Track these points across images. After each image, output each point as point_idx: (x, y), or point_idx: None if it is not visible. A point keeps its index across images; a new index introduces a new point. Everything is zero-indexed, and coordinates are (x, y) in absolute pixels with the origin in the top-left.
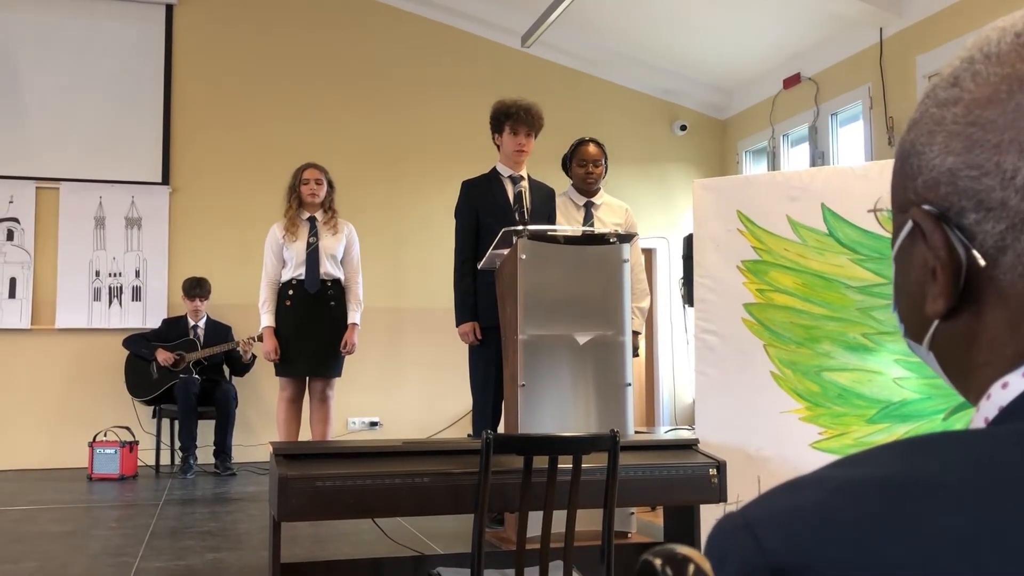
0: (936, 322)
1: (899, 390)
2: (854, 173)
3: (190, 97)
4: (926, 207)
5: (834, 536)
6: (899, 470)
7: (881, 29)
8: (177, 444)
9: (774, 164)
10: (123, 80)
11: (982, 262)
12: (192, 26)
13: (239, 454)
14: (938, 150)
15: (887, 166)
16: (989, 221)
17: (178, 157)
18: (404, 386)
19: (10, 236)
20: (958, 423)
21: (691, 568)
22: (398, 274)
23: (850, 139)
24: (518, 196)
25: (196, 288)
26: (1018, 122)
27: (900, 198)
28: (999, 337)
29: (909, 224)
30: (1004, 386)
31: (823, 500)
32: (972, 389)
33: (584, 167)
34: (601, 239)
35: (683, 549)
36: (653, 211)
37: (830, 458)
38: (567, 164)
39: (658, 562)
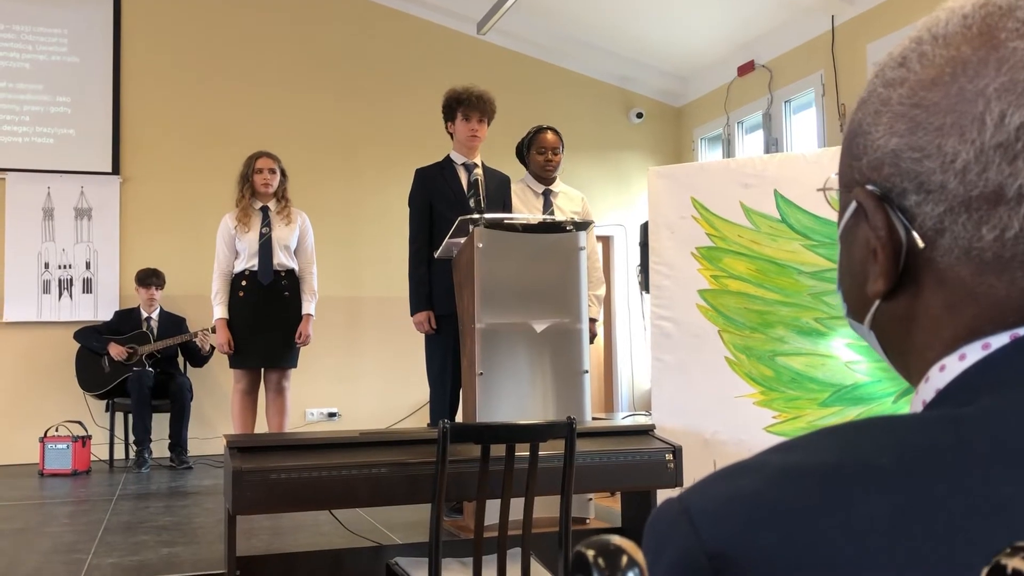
0: (877, 302)
1: (851, 373)
2: (806, 160)
3: (140, 85)
4: (869, 187)
5: (771, 523)
6: (834, 456)
7: (833, 17)
8: (131, 438)
9: (729, 151)
10: (71, 66)
11: (921, 243)
12: (142, 11)
13: (195, 447)
14: (883, 131)
15: (838, 153)
16: (929, 203)
17: (129, 146)
18: (363, 376)
19: None
20: (907, 405)
21: (624, 559)
22: (355, 263)
23: (803, 126)
24: (473, 184)
25: (151, 277)
26: (960, 106)
27: (846, 177)
28: (938, 319)
29: (853, 204)
30: (942, 368)
31: (760, 487)
32: (913, 371)
33: (543, 154)
34: (557, 227)
35: (617, 540)
36: (610, 198)
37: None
38: (524, 151)
39: (591, 554)
